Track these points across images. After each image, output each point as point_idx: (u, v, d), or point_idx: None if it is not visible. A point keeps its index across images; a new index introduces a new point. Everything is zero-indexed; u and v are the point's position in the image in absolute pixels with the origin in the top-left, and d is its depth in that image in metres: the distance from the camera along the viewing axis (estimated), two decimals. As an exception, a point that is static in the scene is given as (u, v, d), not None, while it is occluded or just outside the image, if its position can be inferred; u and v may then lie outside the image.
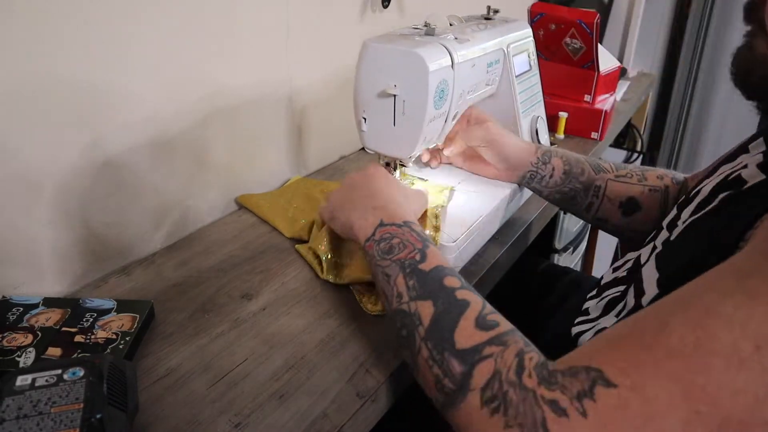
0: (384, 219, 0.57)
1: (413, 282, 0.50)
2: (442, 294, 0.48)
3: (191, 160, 0.81)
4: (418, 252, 0.53)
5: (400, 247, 0.54)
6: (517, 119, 0.89)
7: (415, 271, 0.51)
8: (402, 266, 0.52)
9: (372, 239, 0.56)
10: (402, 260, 0.52)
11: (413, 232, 0.55)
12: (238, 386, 0.55)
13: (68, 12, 0.61)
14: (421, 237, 0.55)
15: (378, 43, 0.67)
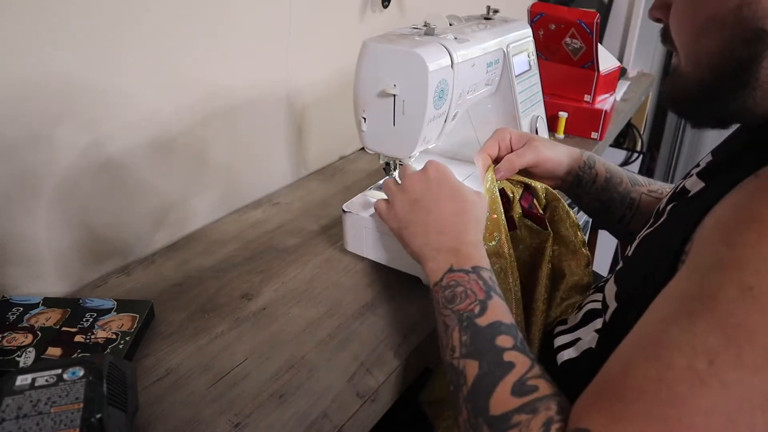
0: (454, 264, 0.56)
1: (467, 337, 0.50)
2: (490, 354, 0.48)
3: (191, 160, 0.81)
4: (478, 304, 0.52)
5: (462, 296, 0.53)
6: (517, 119, 0.89)
7: (471, 326, 0.50)
8: (460, 318, 0.51)
9: (439, 285, 0.56)
10: (461, 312, 0.52)
11: (480, 280, 0.54)
12: (238, 386, 0.55)
13: (68, 12, 0.61)
14: (487, 286, 0.54)
15: (378, 43, 0.67)
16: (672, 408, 0.35)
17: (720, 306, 0.35)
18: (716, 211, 0.41)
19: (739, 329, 0.34)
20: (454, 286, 0.54)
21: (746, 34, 0.43)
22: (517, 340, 0.49)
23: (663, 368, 0.36)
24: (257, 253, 0.78)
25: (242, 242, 0.81)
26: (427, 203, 0.62)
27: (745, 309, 0.34)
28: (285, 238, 0.82)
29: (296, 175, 1.03)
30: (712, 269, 0.38)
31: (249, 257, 0.77)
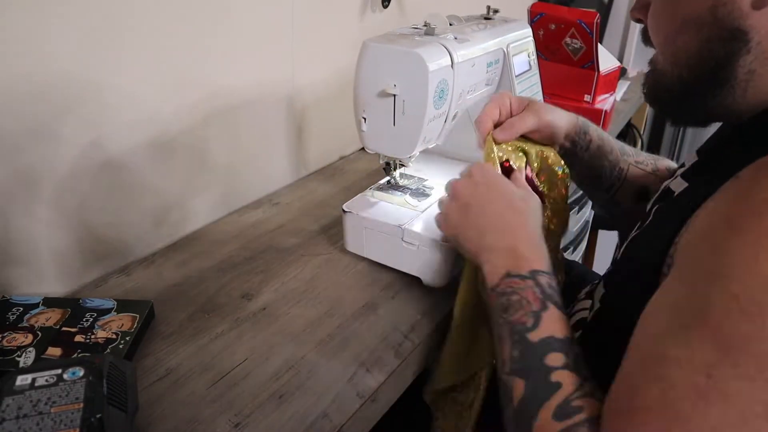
0: (511, 269, 0.53)
1: (517, 353, 0.48)
2: (538, 373, 0.46)
3: (191, 160, 0.81)
4: (532, 316, 0.50)
5: (516, 306, 0.51)
6: (517, 119, 0.89)
7: (522, 341, 0.49)
8: (512, 331, 0.50)
9: (495, 290, 0.54)
10: (514, 324, 0.50)
11: (536, 287, 0.52)
12: (238, 386, 0.55)
13: (68, 11, 0.61)
14: (543, 294, 0.51)
15: (378, 43, 0.66)
16: (680, 425, 0.34)
17: (710, 318, 0.35)
18: (700, 217, 0.41)
19: (731, 340, 0.34)
20: (509, 294, 0.52)
21: (722, 33, 0.43)
22: (569, 357, 0.47)
23: (666, 387, 0.36)
24: (257, 253, 0.78)
25: (242, 242, 0.81)
26: (478, 206, 0.60)
27: (734, 319, 0.34)
28: (285, 238, 0.82)
29: (296, 175, 1.03)
30: (699, 280, 0.38)
31: (249, 257, 0.77)
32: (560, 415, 0.43)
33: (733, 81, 0.44)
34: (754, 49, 0.42)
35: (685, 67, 0.47)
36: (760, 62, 0.43)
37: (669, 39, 0.48)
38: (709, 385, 0.34)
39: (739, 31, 0.42)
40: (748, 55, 0.43)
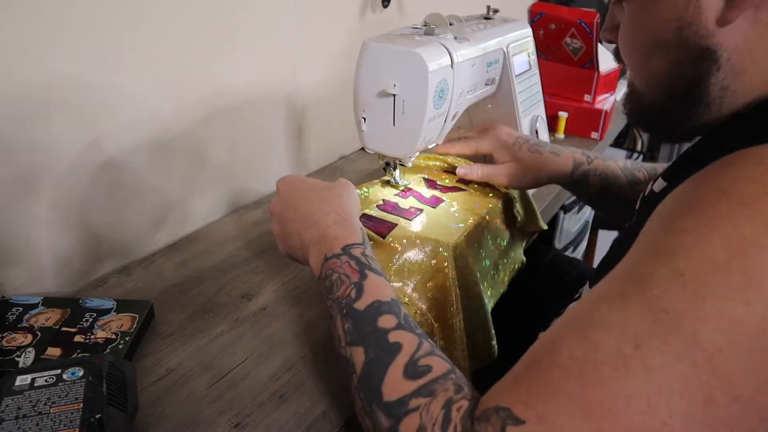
0: (326, 252, 0.55)
1: (348, 325, 0.49)
2: (374, 338, 0.46)
3: (191, 160, 0.81)
4: (353, 287, 0.51)
5: (338, 283, 0.52)
6: (517, 119, 0.89)
7: (350, 313, 0.49)
8: (339, 307, 0.50)
9: (320, 278, 0.55)
10: (339, 300, 0.51)
11: (351, 260, 0.53)
12: (238, 386, 0.55)
13: (68, 11, 0.61)
14: (360, 265, 0.52)
15: (378, 43, 0.66)
16: (596, 389, 0.34)
17: (651, 290, 0.35)
18: (660, 204, 0.41)
19: (667, 315, 0.34)
20: (330, 275, 0.53)
21: (691, 54, 0.43)
22: (400, 317, 0.48)
23: (590, 348, 0.36)
24: (257, 253, 0.78)
25: (242, 242, 0.81)
26: (286, 213, 0.62)
27: (674, 295, 0.34)
28: (285, 238, 0.82)
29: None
30: (648, 254, 0.38)
31: (249, 257, 0.77)
32: (411, 375, 0.43)
33: (708, 99, 0.44)
34: (725, 65, 0.42)
35: (659, 89, 0.47)
36: (733, 77, 0.43)
37: (640, 62, 0.48)
38: (635, 355, 0.34)
39: (707, 50, 0.42)
40: (719, 72, 0.43)
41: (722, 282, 0.33)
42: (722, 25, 0.41)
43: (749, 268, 0.33)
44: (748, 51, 0.41)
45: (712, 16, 0.41)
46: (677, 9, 0.42)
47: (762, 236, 0.33)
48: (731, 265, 0.33)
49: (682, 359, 0.33)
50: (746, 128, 0.41)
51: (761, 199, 0.34)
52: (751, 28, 0.41)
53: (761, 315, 0.32)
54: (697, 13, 0.42)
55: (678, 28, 0.43)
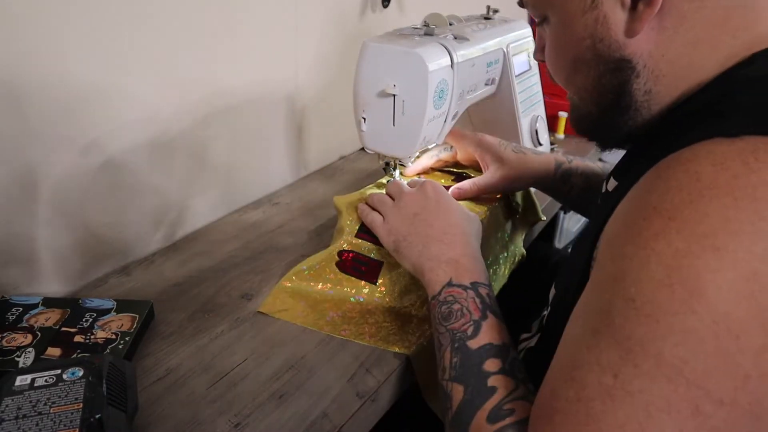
0: (453, 278, 0.56)
1: (456, 360, 0.50)
2: (475, 379, 0.48)
3: (191, 160, 0.81)
4: (472, 325, 0.52)
5: (458, 315, 0.53)
6: (517, 119, 0.89)
7: (462, 348, 0.51)
8: (452, 339, 0.52)
9: (437, 299, 0.56)
10: (455, 332, 0.52)
11: (477, 298, 0.54)
12: (238, 386, 0.55)
13: (68, 11, 0.61)
14: (483, 305, 0.54)
15: (378, 43, 0.66)
16: (592, 425, 0.36)
17: (613, 321, 0.37)
18: (609, 222, 0.43)
19: (631, 341, 0.36)
20: (451, 303, 0.54)
21: (609, 66, 0.46)
22: (506, 362, 0.49)
23: (579, 388, 0.37)
24: (257, 253, 0.78)
25: (242, 242, 0.81)
26: (426, 217, 0.63)
27: (632, 321, 0.36)
28: (285, 238, 0.82)
29: (296, 175, 1.02)
30: (603, 284, 0.39)
31: (249, 257, 0.77)
32: (493, 418, 0.45)
33: (635, 104, 0.47)
34: (643, 72, 0.45)
35: (590, 102, 0.50)
36: (653, 81, 0.45)
37: (568, 80, 0.51)
38: (616, 385, 0.36)
39: (622, 60, 0.45)
40: (639, 78, 0.45)
41: (667, 299, 0.35)
42: (631, 37, 0.44)
43: (687, 279, 0.34)
44: (661, 56, 0.44)
45: (620, 29, 0.44)
46: (588, 27, 0.45)
47: (694, 246, 0.34)
48: (672, 280, 0.35)
49: (656, 379, 0.34)
50: (673, 129, 0.43)
51: (687, 208, 0.35)
52: (659, 35, 0.43)
53: (711, 320, 0.33)
54: (606, 28, 0.45)
55: (592, 44, 0.46)
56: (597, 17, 0.45)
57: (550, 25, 0.50)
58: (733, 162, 0.35)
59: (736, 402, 0.33)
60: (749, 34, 0.42)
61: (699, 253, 0.34)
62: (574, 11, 0.46)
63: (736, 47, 0.43)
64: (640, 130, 0.49)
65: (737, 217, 0.34)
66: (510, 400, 0.45)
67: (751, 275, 0.33)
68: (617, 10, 0.44)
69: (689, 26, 0.43)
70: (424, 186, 0.66)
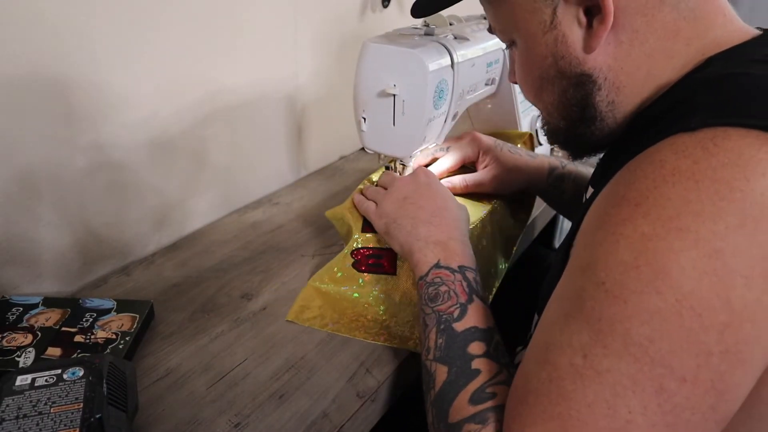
0: (441, 260, 0.57)
1: (442, 341, 0.51)
2: (460, 361, 0.49)
3: (191, 160, 0.81)
4: (458, 307, 0.53)
5: (444, 297, 0.54)
6: (516, 119, 0.89)
7: (447, 330, 0.52)
8: (438, 320, 0.53)
9: (424, 279, 0.56)
10: (441, 313, 0.53)
11: (464, 281, 0.55)
12: (238, 386, 0.55)
13: (67, 11, 0.61)
14: (470, 288, 0.55)
15: (378, 43, 0.67)
16: (562, 404, 0.38)
17: (585, 304, 0.38)
18: (583, 221, 0.45)
19: (601, 322, 0.37)
20: (438, 284, 0.55)
21: (571, 81, 0.49)
22: (490, 346, 0.50)
23: (551, 369, 0.39)
24: (257, 253, 0.78)
25: (242, 242, 0.81)
26: (416, 199, 0.64)
27: (602, 303, 0.37)
28: (285, 238, 0.82)
29: (296, 175, 1.03)
30: (576, 271, 0.41)
31: (249, 257, 0.77)
32: (475, 400, 0.46)
33: (600, 115, 0.49)
34: (604, 84, 0.47)
35: (558, 118, 0.52)
36: (615, 93, 0.48)
37: (537, 98, 0.54)
38: (585, 365, 0.37)
39: (583, 75, 0.48)
40: (601, 91, 0.48)
41: (635, 279, 0.36)
42: (589, 53, 0.46)
43: (653, 260, 0.36)
44: (620, 68, 0.46)
45: (579, 46, 0.47)
46: (549, 46, 0.48)
47: (658, 228, 0.36)
48: (639, 262, 0.36)
49: (623, 358, 0.36)
50: (640, 133, 0.45)
51: (652, 194, 0.37)
52: (616, 49, 0.46)
53: (674, 299, 0.35)
54: (565, 47, 0.47)
55: (554, 62, 0.49)
56: (556, 36, 0.47)
57: (517, 47, 0.53)
58: (694, 149, 0.36)
59: (698, 379, 0.35)
60: (702, 41, 0.45)
61: (663, 235, 0.36)
62: (535, 32, 0.48)
63: (691, 54, 0.45)
64: (607, 138, 0.51)
65: (698, 198, 0.35)
66: (492, 384, 0.47)
67: (713, 253, 0.34)
68: (574, 29, 0.46)
69: (643, 39, 0.45)
70: (415, 172, 0.68)
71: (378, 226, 0.65)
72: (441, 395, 0.48)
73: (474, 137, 0.80)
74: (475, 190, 0.78)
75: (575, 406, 0.37)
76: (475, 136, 0.80)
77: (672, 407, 0.35)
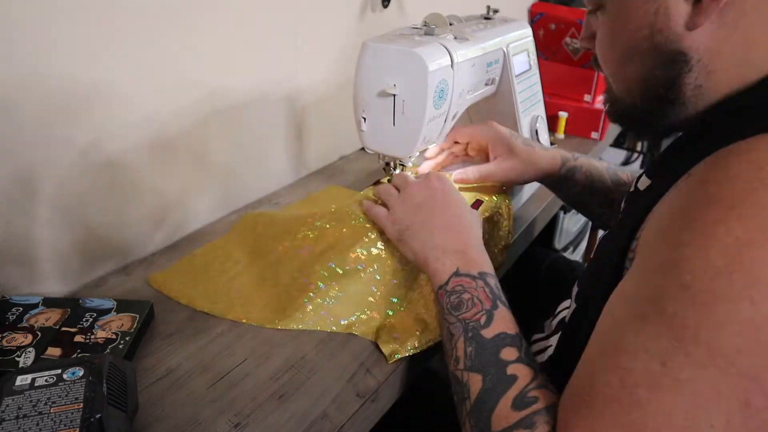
0: (460, 268, 0.56)
1: (471, 349, 0.50)
2: (494, 368, 0.48)
3: (191, 160, 0.81)
4: (484, 314, 0.52)
5: (468, 304, 0.53)
6: (517, 119, 0.89)
7: (476, 337, 0.50)
8: (465, 328, 0.51)
9: (444, 288, 0.55)
10: (467, 321, 0.52)
11: (486, 287, 0.54)
12: (238, 386, 0.55)
13: (68, 11, 0.61)
14: (493, 294, 0.54)
15: (378, 43, 0.67)
16: (636, 412, 0.36)
17: (665, 308, 0.37)
18: (655, 213, 0.43)
19: (684, 329, 0.35)
20: (460, 292, 0.54)
21: (664, 58, 0.46)
22: (521, 351, 0.49)
23: (623, 374, 0.37)
24: (257, 253, 0.78)
25: (242, 242, 0.81)
26: (431, 207, 0.63)
27: (686, 308, 0.36)
28: (285, 238, 0.82)
29: (296, 175, 1.02)
30: (655, 271, 0.39)
31: (249, 257, 0.77)
32: (518, 405, 0.45)
33: (683, 98, 0.46)
34: (696, 66, 0.45)
35: (637, 93, 0.50)
36: (704, 77, 0.45)
37: (618, 69, 0.51)
38: (664, 373, 0.35)
39: (679, 53, 0.45)
40: (691, 72, 0.45)
41: (726, 286, 0.34)
42: (691, 29, 0.43)
43: (748, 268, 0.34)
44: (717, 51, 0.44)
45: (681, 21, 0.43)
46: (647, 17, 0.45)
47: (755, 235, 0.34)
48: (731, 268, 0.34)
49: (708, 367, 0.34)
50: (724, 124, 0.43)
51: (749, 197, 0.35)
52: (718, 29, 0.43)
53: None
54: (666, 19, 0.44)
55: (650, 35, 0.45)
56: (658, 8, 0.44)
57: (605, 13, 0.49)
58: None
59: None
60: None
61: (761, 242, 0.34)
62: (635, 0, 0.45)
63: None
64: (681, 124, 0.48)
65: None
66: (533, 388, 0.46)
67: None
68: (680, 2, 0.43)
69: (748, 24, 0.42)
70: (429, 177, 0.66)
71: (390, 233, 0.64)
72: (479, 404, 0.47)
73: (490, 124, 0.79)
74: (488, 181, 0.78)
75: (651, 416, 0.35)
76: (491, 124, 0.79)
77: (758, 424, 0.34)
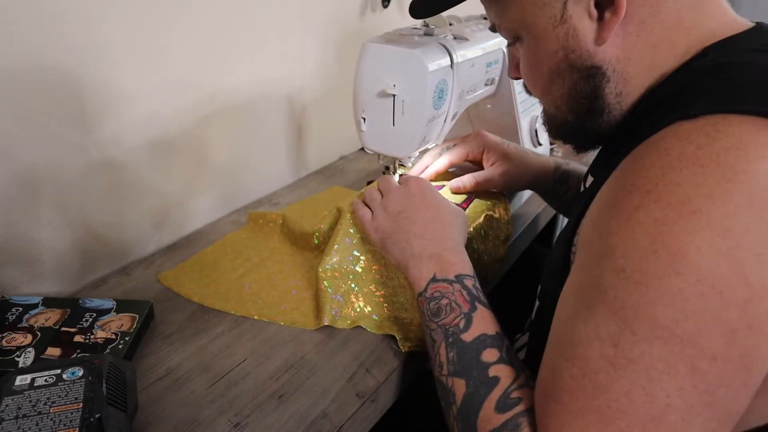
0: (437, 273, 0.57)
1: (453, 354, 0.51)
2: (476, 371, 0.49)
3: (191, 160, 0.81)
4: (463, 317, 0.53)
5: (447, 309, 0.54)
6: (516, 119, 0.89)
7: (457, 342, 0.51)
8: (446, 334, 0.52)
9: (424, 295, 0.56)
10: (447, 327, 0.53)
11: (464, 290, 0.55)
12: (238, 386, 0.55)
13: (68, 11, 0.61)
14: (471, 296, 0.55)
15: (377, 43, 0.66)
16: (599, 397, 0.38)
17: (607, 293, 0.39)
18: (591, 208, 0.45)
19: (626, 309, 0.38)
20: (438, 298, 0.55)
21: (582, 74, 0.49)
22: (502, 350, 0.50)
23: (582, 364, 0.39)
24: (257, 253, 0.78)
25: (242, 242, 0.81)
26: (410, 214, 0.63)
27: (624, 290, 0.38)
28: (285, 238, 0.82)
29: (296, 175, 1.03)
30: (593, 261, 0.41)
31: (249, 257, 0.77)
32: (501, 408, 0.46)
33: (608, 107, 0.50)
34: (613, 76, 0.48)
35: (566, 111, 0.53)
36: (622, 84, 0.48)
37: (544, 91, 0.54)
38: (617, 354, 0.37)
39: (594, 67, 0.48)
40: (610, 83, 0.49)
41: (654, 264, 0.37)
42: (600, 45, 0.47)
43: (669, 244, 0.36)
44: (627, 59, 0.47)
45: (590, 39, 0.47)
46: (560, 41, 0.49)
47: (671, 213, 0.37)
48: (655, 246, 0.37)
49: (653, 342, 0.36)
50: (644, 121, 0.46)
51: (661, 180, 0.38)
52: (624, 40, 0.47)
53: (695, 279, 0.35)
54: (576, 40, 0.48)
55: (565, 56, 0.49)
56: (567, 30, 0.48)
57: (523, 43, 0.53)
58: (697, 135, 0.38)
59: (728, 356, 0.35)
60: (700, 31, 0.46)
61: (676, 218, 0.36)
62: (545, 27, 0.49)
63: (690, 43, 0.46)
64: (613, 129, 0.51)
65: (706, 182, 0.36)
66: (516, 389, 0.47)
67: (726, 232, 0.35)
68: (585, 22, 0.47)
69: (650, 29, 0.46)
70: (408, 182, 0.67)
71: (374, 240, 0.65)
72: (464, 409, 0.48)
73: (480, 134, 0.80)
74: (485, 188, 0.78)
75: (613, 397, 0.37)
76: (481, 133, 0.80)
77: (707, 386, 0.36)
